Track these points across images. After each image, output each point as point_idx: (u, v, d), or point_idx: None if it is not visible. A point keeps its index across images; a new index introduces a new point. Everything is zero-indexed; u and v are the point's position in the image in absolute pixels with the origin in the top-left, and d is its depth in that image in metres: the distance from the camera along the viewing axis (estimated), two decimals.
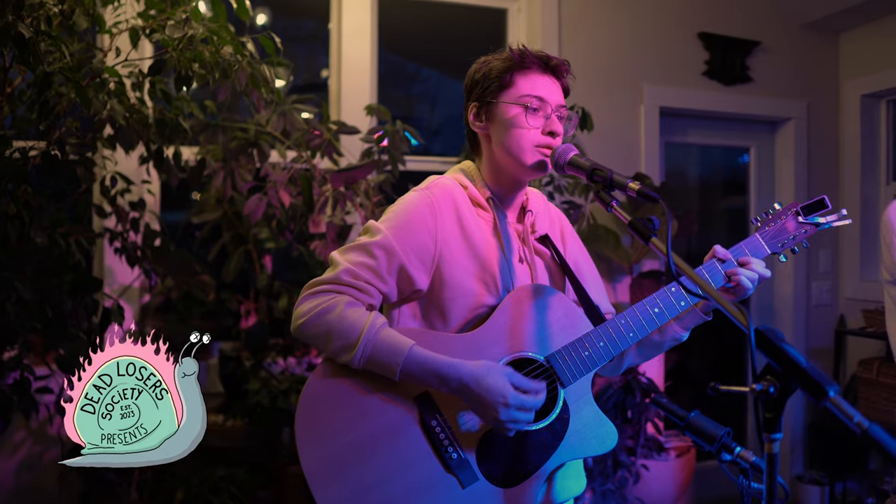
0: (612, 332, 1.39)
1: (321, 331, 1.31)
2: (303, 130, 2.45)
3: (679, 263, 1.15)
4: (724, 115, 3.74)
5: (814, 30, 3.82)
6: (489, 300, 1.41)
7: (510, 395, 1.27)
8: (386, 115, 2.48)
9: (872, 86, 3.73)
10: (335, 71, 3.12)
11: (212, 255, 2.73)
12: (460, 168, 1.54)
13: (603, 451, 1.38)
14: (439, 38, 3.53)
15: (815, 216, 1.47)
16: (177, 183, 1.99)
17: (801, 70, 3.82)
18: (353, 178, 2.34)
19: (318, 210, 2.38)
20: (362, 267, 1.35)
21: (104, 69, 1.68)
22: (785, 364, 0.99)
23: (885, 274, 1.81)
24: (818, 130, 3.87)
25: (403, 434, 1.31)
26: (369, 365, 1.30)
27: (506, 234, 1.47)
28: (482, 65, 1.48)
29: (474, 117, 1.48)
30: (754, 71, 3.70)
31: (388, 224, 1.39)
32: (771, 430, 1.01)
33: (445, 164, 3.30)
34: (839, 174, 3.90)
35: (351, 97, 3.01)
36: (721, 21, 3.61)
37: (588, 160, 1.35)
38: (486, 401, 1.27)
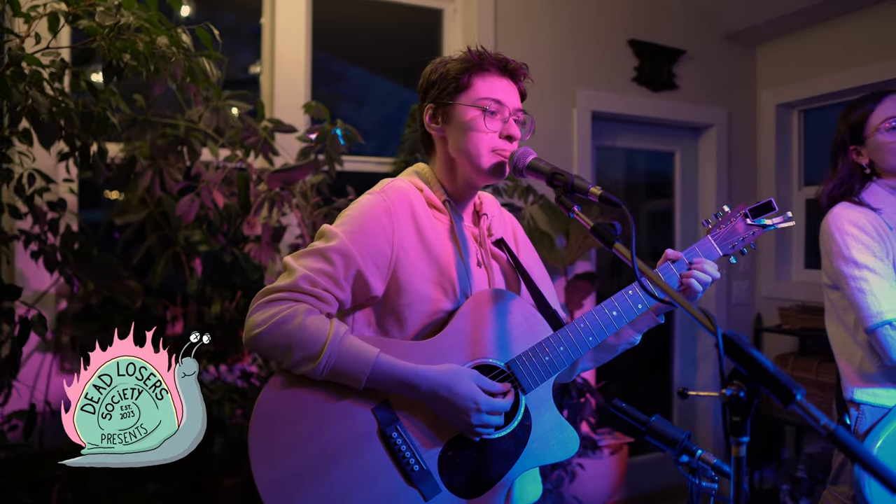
0: (571, 336, 1.39)
1: (279, 342, 1.24)
2: (237, 128, 2.34)
3: (644, 269, 1.16)
4: (651, 121, 3.86)
5: (734, 41, 4.00)
6: (447, 305, 1.38)
7: (482, 400, 1.26)
8: (325, 114, 2.41)
9: (786, 96, 3.94)
10: (267, 67, 3.01)
11: (136, 259, 2.57)
12: (414, 170, 1.50)
13: (565, 457, 1.38)
14: (371, 37, 3.46)
15: (762, 218, 1.52)
16: (102, 182, 1.85)
17: (723, 79, 3.99)
18: (292, 179, 2.25)
19: (254, 211, 2.27)
20: (320, 273, 1.29)
21: (24, 57, 1.53)
22: (752, 368, 1.01)
23: (826, 278, 1.89)
24: (738, 137, 4.05)
25: (363, 447, 1.26)
26: (333, 375, 1.25)
27: (462, 237, 1.44)
28: (439, 65, 1.45)
29: (430, 119, 1.45)
30: (680, 78, 3.84)
31: (344, 228, 1.34)
32: (739, 433, 1.02)
33: (380, 164, 3.25)
34: (757, 179, 4.10)
35: (285, 95, 2.91)
36: (650, 29, 3.72)
37: (548, 164, 1.35)
38: (458, 406, 1.25)
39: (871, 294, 1.70)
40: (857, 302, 1.73)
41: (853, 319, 1.81)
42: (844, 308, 1.84)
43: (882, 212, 1.79)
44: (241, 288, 2.28)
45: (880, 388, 1.77)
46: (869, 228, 1.77)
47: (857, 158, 1.86)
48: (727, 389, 1.01)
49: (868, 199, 1.82)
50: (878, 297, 1.69)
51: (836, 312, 1.90)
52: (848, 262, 1.75)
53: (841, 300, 1.85)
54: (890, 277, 1.72)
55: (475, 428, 1.27)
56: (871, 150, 1.83)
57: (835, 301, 1.89)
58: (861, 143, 1.85)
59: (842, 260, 1.77)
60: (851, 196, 1.85)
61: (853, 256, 1.74)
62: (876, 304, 1.69)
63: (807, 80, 3.81)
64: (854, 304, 1.74)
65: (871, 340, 1.73)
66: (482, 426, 1.27)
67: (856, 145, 1.86)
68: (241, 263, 2.27)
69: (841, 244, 1.77)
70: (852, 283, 1.74)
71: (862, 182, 1.86)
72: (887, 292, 1.69)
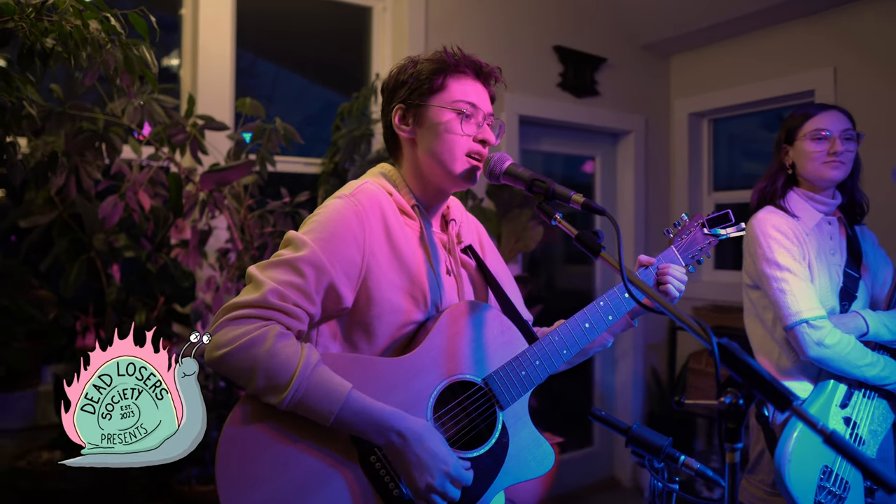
0: (546, 349, 1.37)
1: (245, 366, 1.14)
2: (164, 124, 2.17)
3: (633, 278, 1.15)
4: (574, 126, 3.95)
5: (651, 51, 4.16)
6: (417, 316, 1.33)
7: (452, 465, 1.21)
8: (261, 112, 2.28)
9: (698, 105, 4.15)
10: (189, 62, 2.82)
11: (45, 266, 2.33)
12: (381, 172, 1.43)
13: (542, 473, 1.36)
14: (295, 35, 3.32)
15: (717, 228, 1.57)
16: (20, 181, 1.65)
17: (641, 87, 4.15)
18: (227, 180, 2.11)
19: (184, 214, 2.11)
20: (289, 287, 1.20)
21: None
22: (748, 376, 1.02)
23: (747, 279, 1.99)
24: (654, 143, 4.22)
25: (342, 472, 1.19)
26: (298, 409, 1.15)
27: (433, 244, 1.39)
28: (408, 65, 1.39)
29: (400, 120, 1.39)
30: (602, 85, 3.95)
31: (314, 236, 1.25)
32: (733, 439, 1.04)
33: (308, 165, 3.13)
34: (671, 183, 4.29)
35: (209, 91, 2.73)
36: (574, 37, 3.80)
37: (526, 170, 1.32)
38: (427, 464, 1.19)
39: (791, 294, 1.81)
40: (778, 301, 1.84)
41: (771, 317, 1.92)
42: (764, 307, 1.95)
43: (800, 219, 1.92)
44: (171, 297, 2.11)
45: (795, 382, 1.89)
46: (790, 233, 1.88)
47: (785, 158, 1.97)
48: (726, 398, 1.03)
49: (788, 206, 1.94)
50: (798, 298, 1.80)
51: (755, 311, 2.00)
52: (771, 264, 1.85)
53: (761, 299, 1.95)
54: (807, 279, 1.84)
55: (433, 493, 1.19)
56: (795, 153, 1.94)
57: (755, 300, 1.99)
58: (791, 145, 1.96)
59: (766, 262, 1.87)
60: (776, 198, 1.95)
61: (776, 259, 1.85)
62: (795, 303, 1.80)
63: (717, 91, 4.02)
64: (775, 304, 1.84)
65: (788, 337, 1.84)
66: (441, 494, 1.20)
67: (787, 145, 1.97)
68: (170, 270, 2.09)
69: (765, 247, 1.88)
70: (774, 284, 1.84)
71: (785, 182, 1.97)
72: (805, 293, 1.81)
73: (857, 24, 3.33)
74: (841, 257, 1.92)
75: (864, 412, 1.79)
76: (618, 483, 4.13)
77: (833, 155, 1.86)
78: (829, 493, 1.72)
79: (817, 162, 1.89)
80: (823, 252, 1.90)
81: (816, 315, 1.77)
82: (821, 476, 1.72)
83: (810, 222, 1.92)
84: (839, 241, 1.94)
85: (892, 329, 1.81)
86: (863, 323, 1.80)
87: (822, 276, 1.88)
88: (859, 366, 1.76)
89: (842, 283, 1.88)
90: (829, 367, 1.78)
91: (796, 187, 1.97)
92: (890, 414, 1.83)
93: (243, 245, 2.31)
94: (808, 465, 1.72)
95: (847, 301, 1.88)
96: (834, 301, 1.87)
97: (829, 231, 1.94)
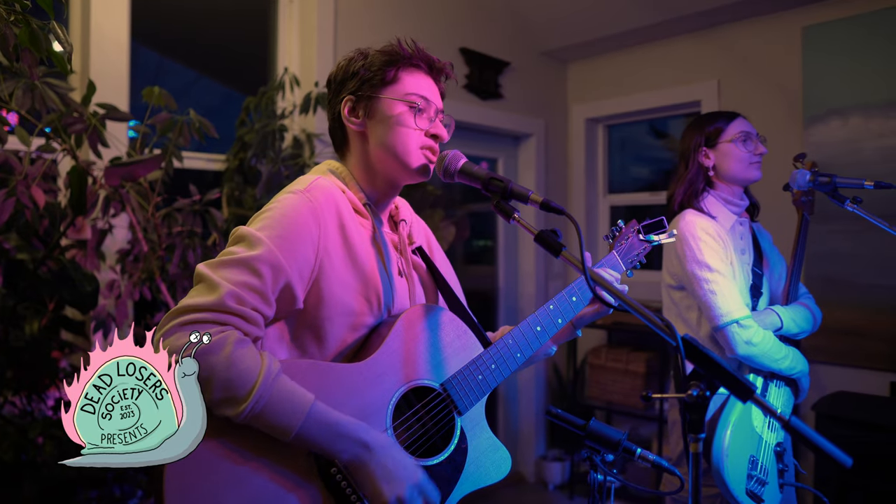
0: (501, 353, 1.36)
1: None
2: (59, 112, 1.96)
3: (595, 276, 1.17)
4: (478, 128, 4.00)
5: (550, 57, 4.30)
6: (369, 319, 1.29)
7: (421, 476, 1.19)
8: (171, 102, 2.12)
9: (593, 111, 4.33)
10: (78, 44, 2.58)
11: None
12: (328, 168, 1.37)
13: (500, 478, 1.35)
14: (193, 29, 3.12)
15: (651, 234, 1.63)
16: None
17: (541, 92, 4.27)
18: (135, 175, 1.94)
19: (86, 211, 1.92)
20: (247, 289, 1.12)
21: None
22: (711, 369, 1.07)
23: (670, 279, 2.07)
24: (554, 147, 4.37)
25: (301, 489, 1.12)
26: (256, 423, 1.08)
27: (384, 244, 1.35)
28: (359, 56, 1.34)
29: (349, 112, 1.33)
30: (505, 89, 4.03)
31: (269, 233, 1.17)
32: (696, 430, 1.08)
33: (211, 161, 2.96)
34: (569, 186, 4.45)
35: (104, 77, 2.51)
36: (480, 39, 3.86)
37: (482, 169, 1.31)
38: (395, 475, 1.15)
39: (722, 295, 1.89)
40: (707, 302, 1.91)
41: (695, 317, 2.01)
42: (688, 307, 2.04)
43: (717, 220, 2.02)
44: (70, 303, 1.90)
45: None
46: (715, 235, 1.97)
47: (705, 161, 2.06)
48: (693, 390, 1.07)
49: (706, 208, 2.04)
50: (728, 298, 1.89)
51: (677, 310, 2.09)
52: (702, 265, 1.93)
53: (684, 299, 2.04)
54: (732, 278, 1.95)
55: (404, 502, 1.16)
56: (720, 155, 2.04)
57: (677, 300, 2.07)
58: (712, 148, 2.06)
59: (696, 264, 1.94)
60: (697, 200, 2.05)
61: (706, 261, 1.93)
62: (726, 304, 1.88)
63: (611, 99, 4.22)
64: (705, 304, 1.92)
65: (717, 336, 1.92)
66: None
67: (708, 149, 2.07)
68: (69, 273, 1.89)
69: (695, 249, 1.95)
70: (705, 286, 1.92)
71: (706, 184, 2.07)
72: (733, 293, 1.91)
73: (739, 40, 3.62)
74: (750, 256, 2.05)
75: (777, 400, 1.93)
76: (522, 478, 4.23)
77: (759, 156, 2.00)
78: (757, 481, 1.84)
79: (745, 163, 2.01)
80: (737, 251, 2.02)
81: (744, 315, 1.86)
82: (749, 466, 1.83)
83: (727, 223, 2.02)
84: (748, 241, 2.07)
85: (798, 323, 1.96)
86: (777, 319, 1.94)
87: (739, 274, 1.99)
88: (777, 360, 1.88)
89: (751, 280, 2.01)
90: (752, 363, 1.88)
91: (712, 189, 2.07)
92: (791, 398, 1.99)
93: (149, 246, 2.13)
94: (740, 458, 1.82)
95: (755, 297, 2.00)
96: (748, 298, 2.00)
97: (740, 231, 2.06)
